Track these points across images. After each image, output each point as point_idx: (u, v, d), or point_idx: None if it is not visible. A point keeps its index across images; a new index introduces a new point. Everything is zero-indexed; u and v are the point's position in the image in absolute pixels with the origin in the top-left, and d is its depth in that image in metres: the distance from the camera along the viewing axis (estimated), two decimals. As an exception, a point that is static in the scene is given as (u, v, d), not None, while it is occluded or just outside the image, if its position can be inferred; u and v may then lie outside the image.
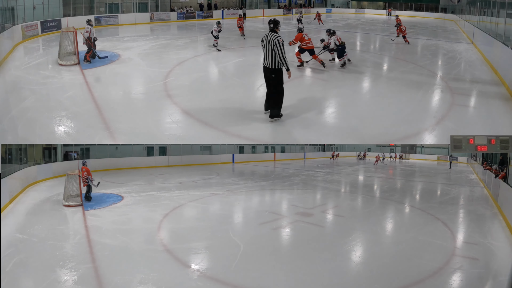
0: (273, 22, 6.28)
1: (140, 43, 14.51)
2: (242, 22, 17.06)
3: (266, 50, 6.20)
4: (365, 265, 5.86)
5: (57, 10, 19.14)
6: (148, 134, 6.34)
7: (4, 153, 10.57)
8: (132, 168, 18.90)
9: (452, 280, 5.34)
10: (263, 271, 5.47)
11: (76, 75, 9.47)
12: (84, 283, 5.01)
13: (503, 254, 6.41)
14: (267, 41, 6.17)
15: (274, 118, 6.51)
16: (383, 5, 38.38)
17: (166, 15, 24.35)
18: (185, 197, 10.89)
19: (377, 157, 26.63)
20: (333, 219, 8.94)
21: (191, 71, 10.26)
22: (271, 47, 6.11)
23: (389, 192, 13.08)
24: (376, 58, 13.12)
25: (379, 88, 9.05)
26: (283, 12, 33.21)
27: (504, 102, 7.88)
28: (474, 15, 17.38)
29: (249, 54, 12.73)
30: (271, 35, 6.16)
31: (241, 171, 19.76)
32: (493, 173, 11.29)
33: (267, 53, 6.19)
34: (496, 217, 8.90)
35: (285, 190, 13.35)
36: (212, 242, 6.82)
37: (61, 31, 10.83)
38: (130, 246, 6.49)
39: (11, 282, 5.02)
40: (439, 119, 6.92)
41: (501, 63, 9.91)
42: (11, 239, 6.75)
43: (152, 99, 7.88)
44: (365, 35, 18.70)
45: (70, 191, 9.56)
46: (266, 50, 6.20)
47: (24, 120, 6.67)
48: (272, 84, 6.37)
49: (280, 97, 6.44)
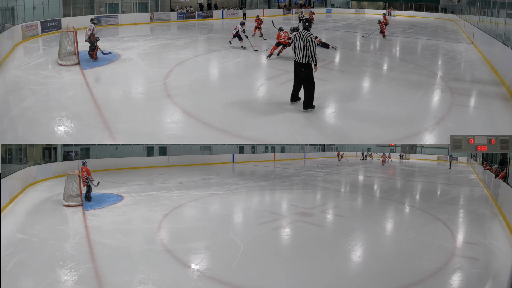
0: (307, 21, 6.84)
1: (140, 43, 14.50)
2: (260, 23, 16.78)
3: (298, 46, 6.68)
4: (365, 265, 5.86)
5: (57, 10, 19.13)
6: (148, 134, 6.34)
7: (4, 153, 10.57)
8: (132, 168, 18.90)
9: (452, 280, 5.35)
10: (263, 271, 5.47)
11: (76, 75, 9.47)
12: (84, 283, 5.01)
13: (503, 254, 6.41)
14: (300, 38, 6.66)
15: (307, 109, 6.96)
16: (383, 5, 38.39)
17: (166, 15, 24.35)
18: (185, 197, 10.89)
19: (383, 156, 26.79)
20: (333, 219, 8.94)
21: (191, 71, 10.25)
22: (303, 43, 6.58)
23: (389, 192, 13.08)
24: (376, 58, 13.12)
25: (379, 88, 9.05)
26: (283, 12, 33.21)
27: (504, 102, 7.88)
28: (474, 15, 17.38)
29: (249, 54, 12.72)
30: (305, 32, 6.65)
31: (241, 171, 19.76)
32: (493, 173, 11.29)
33: (299, 48, 6.67)
34: (496, 217, 8.90)
35: (285, 190, 13.35)
36: (212, 242, 6.82)
37: (61, 31, 10.82)
38: (130, 246, 6.48)
39: (11, 282, 5.02)
40: (439, 119, 6.92)
41: (501, 63, 9.91)
42: (11, 239, 6.75)
43: (152, 99, 7.88)
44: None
45: (70, 191, 9.56)
46: (298, 46, 6.69)
47: (24, 120, 6.67)
48: (301, 78, 6.88)
49: (311, 89, 6.89)
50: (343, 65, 11.50)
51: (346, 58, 12.88)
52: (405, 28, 23.80)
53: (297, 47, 6.72)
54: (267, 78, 9.62)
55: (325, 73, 9.97)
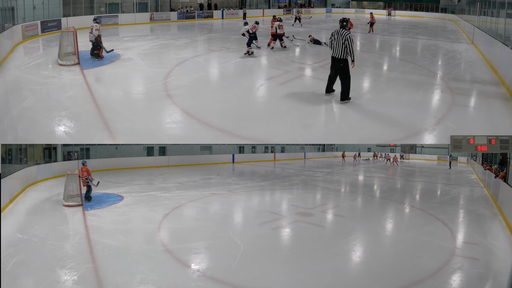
0: (344, 20, 7.41)
1: (140, 43, 14.51)
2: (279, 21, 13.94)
3: (336, 44, 7.26)
4: (365, 265, 5.86)
5: (57, 10, 19.14)
6: (148, 134, 6.34)
7: (4, 153, 10.57)
8: (132, 168, 18.90)
9: (452, 280, 5.35)
10: (263, 271, 5.47)
11: (76, 75, 9.47)
12: (84, 283, 5.01)
13: (503, 254, 6.41)
14: (338, 36, 7.24)
15: (344, 101, 7.48)
16: (383, 5, 38.40)
17: (166, 15, 24.35)
18: (185, 197, 10.89)
19: (386, 155, 27.01)
20: (333, 219, 8.94)
21: (191, 71, 10.26)
22: (342, 41, 7.17)
23: (389, 192, 13.07)
24: (376, 58, 13.12)
25: (379, 88, 9.05)
26: (283, 12, 33.20)
27: (504, 102, 7.88)
28: (474, 15, 17.38)
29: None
30: (342, 31, 7.24)
31: (241, 171, 19.76)
32: (493, 173, 11.29)
33: (337, 45, 7.26)
34: (496, 217, 8.89)
35: (285, 190, 13.35)
36: (212, 242, 6.82)
37: (61, 31, 10.83)
38: (130, 246, 6.48)
39: (11, 282, 5.02)
40: (439, 119, 6.92)
41: (501, 63, 9.91)
42: (11, 239, 6.75)
43: (152, 99, 7.88)
44: (365, 35, 18.69)
45: (70, 191, 9.56)
46: (336, 43, 7.27)
47: (24, 120, 6.67)
48: (339, 72, 7.45)
49: (348, 82, 7.45)
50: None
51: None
52: (405, 28, 23.80)
53: (335, 45, 7.28)
54: (267, 78, 9.62)
55: (325, 73, 9.96)
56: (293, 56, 10.68)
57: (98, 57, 11.01)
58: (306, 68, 10.51)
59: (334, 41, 7.35)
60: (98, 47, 11.00)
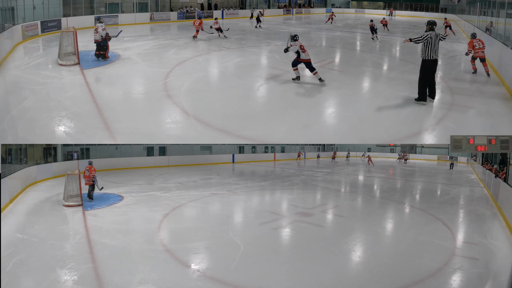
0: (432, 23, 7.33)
1: (140, 43, 14.50)
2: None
3: (437, 46, 7.08)
4: (365, 265, 5.86)
5: (57, 10, 19.13)
6: (148, 134, 6.34)
7: (4, 153, 10.57)
8: (132, 168, 18.90)
9: (452, 280, 5.35)
10: (263, 271, 5.47)
11: (76, 75, 9.46)
12: (84, 283, 5.01)
13: (503, 254, 6.41)
14: (435, 38, 7.08)
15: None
16: (383, 5, 38.37)
17: (166, 15, 24.34)
18: (185, 197, 10.88)
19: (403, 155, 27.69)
20: (333, 219, 8.94)
21: (191, 71, 10.25)
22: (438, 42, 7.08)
23: (389, 192, 13.07)
24: (376, 58, 13.11)
25: (379, 88, 9.04)
26: (283, 12, 33.18)
27: (504, 102, 7.88)
28: (474, 15, 17.37)
29: (249, 54, 12.72)
30: (438, 32, 7.18)
31: (241, 171, 19.76)
32: (493, 173, 11.29)
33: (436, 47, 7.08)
34: (496, 217, 8.89)
35: (285, 190, 13.35)
36: (212, 242, 6.82)
37: (61, 31, 10.82)
38: (130, 246, 6.49)
39: (11, 282, 5.02)
40: (439, 119, 6.92)
41: (501, 63, 9.90)
42: (11, 239, 6.75)
43: (152, 99, 7.88)
44: (365, 35, 18.68)
45: (70, 191, 9.56)
46: (438, 46, 7.10)
47: (24, 120, 6.67)
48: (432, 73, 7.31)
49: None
50: (343, 65, 11.49)
51: (346, 58, 12.89)
52: (405, 28, 23.79)
53: (437, 47, 7.08)
54: (267, 78, 9.62)
55: (325, 73, 9.97)
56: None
57: (104, 58, 10.93)
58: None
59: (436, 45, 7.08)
60: (104, 48, 10.94)
